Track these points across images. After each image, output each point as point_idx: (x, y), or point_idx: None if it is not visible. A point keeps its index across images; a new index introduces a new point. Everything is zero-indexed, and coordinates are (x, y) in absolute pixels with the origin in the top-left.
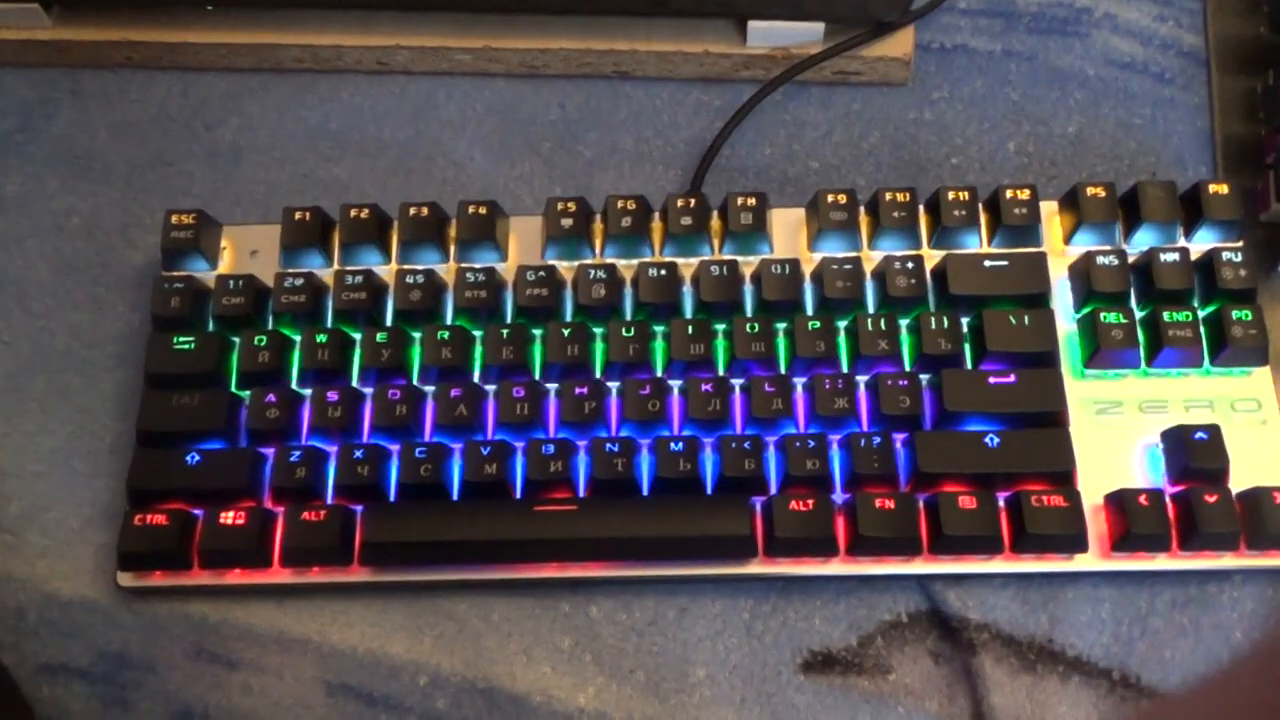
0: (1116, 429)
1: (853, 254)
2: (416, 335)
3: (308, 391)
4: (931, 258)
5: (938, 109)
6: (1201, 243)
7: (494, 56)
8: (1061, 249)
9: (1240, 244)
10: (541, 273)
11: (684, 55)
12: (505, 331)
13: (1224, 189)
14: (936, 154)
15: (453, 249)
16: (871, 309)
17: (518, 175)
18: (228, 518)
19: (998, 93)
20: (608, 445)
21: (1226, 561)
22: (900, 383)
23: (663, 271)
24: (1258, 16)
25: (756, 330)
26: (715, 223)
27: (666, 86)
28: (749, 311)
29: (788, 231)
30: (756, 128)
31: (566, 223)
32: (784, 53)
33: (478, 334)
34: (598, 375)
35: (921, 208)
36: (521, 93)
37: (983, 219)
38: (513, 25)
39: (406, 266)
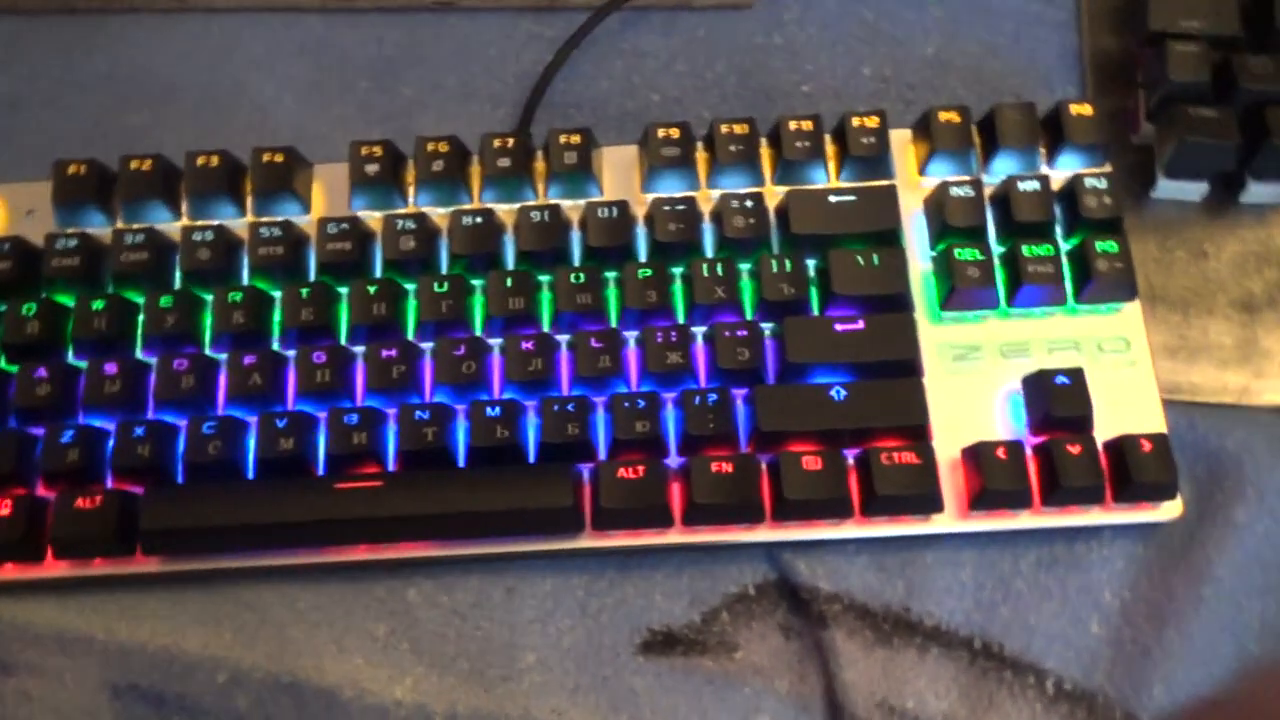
0: (976, 376)
1: (688, 193)
2: (207, 298)
3: (84, 364)
4: (774, 195)
5: (788, 32)
6: (1065, 169)
7: None
8: (916, 181)
9: (1105, 169)
10: (345, 225)
11: None
12: (305, 291)
13: (1087, 110)
14: (787, 81)
15: (249, 202)
16: (709, 253)
17: (332, 119)
18: None
19: (851, 12)
20: (417, 413)
21: (1094, 517)
22: (739, 333)
23: (478, 219)
24: None
25: (582, 281)
26: (540, 164)
27: (494, 17)
28: (576, 261)
29: (621, 171)
30: (592, 59)
31: (372, 169)
32: None
33: (275, 295)
34: (409, 336)
35: (764, 140)
36: (336, 29)
37: (829, 150)
38: None
39: (196, 223)
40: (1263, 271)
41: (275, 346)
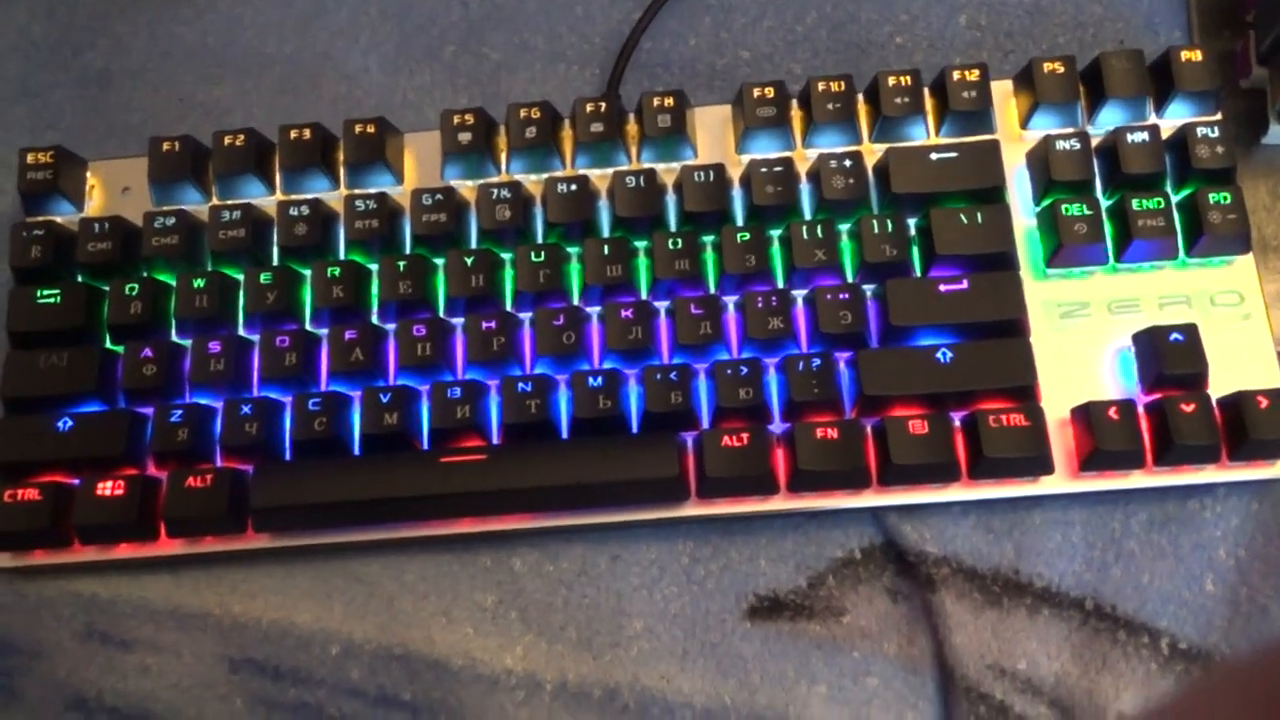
0: (1084, 333)
1: (785, 154)
2: (305, 273)
3: (188, 343)
4: (873, 153)
5: None
6: (1174, 118)
7: None
8: (1018, 134)
9: (1217, 117)
10: (439, 195)
11: None
12: (402, 263)
13: (1197, 55)
14: (879, 34)
15: (342, 174)
16: (808, 215)
17: (418, 86)
18: (105, 489)
19: None
20: (520, 385)
21: (1208, 475)
22: (841, 296)
23: (573, 186)
24: None
25: (680, 246)
26: (632, 127)
27: None
28: (672, 226)
29: (714, 132)
30: (679, 16)
31: (465, 137)
32: None
33: (372, 268)
34: (507, 307)
35: (860, 97)
36: None
37: (929, 105)
38: None
39: (291, 197)
40: None
41: (374, 320)
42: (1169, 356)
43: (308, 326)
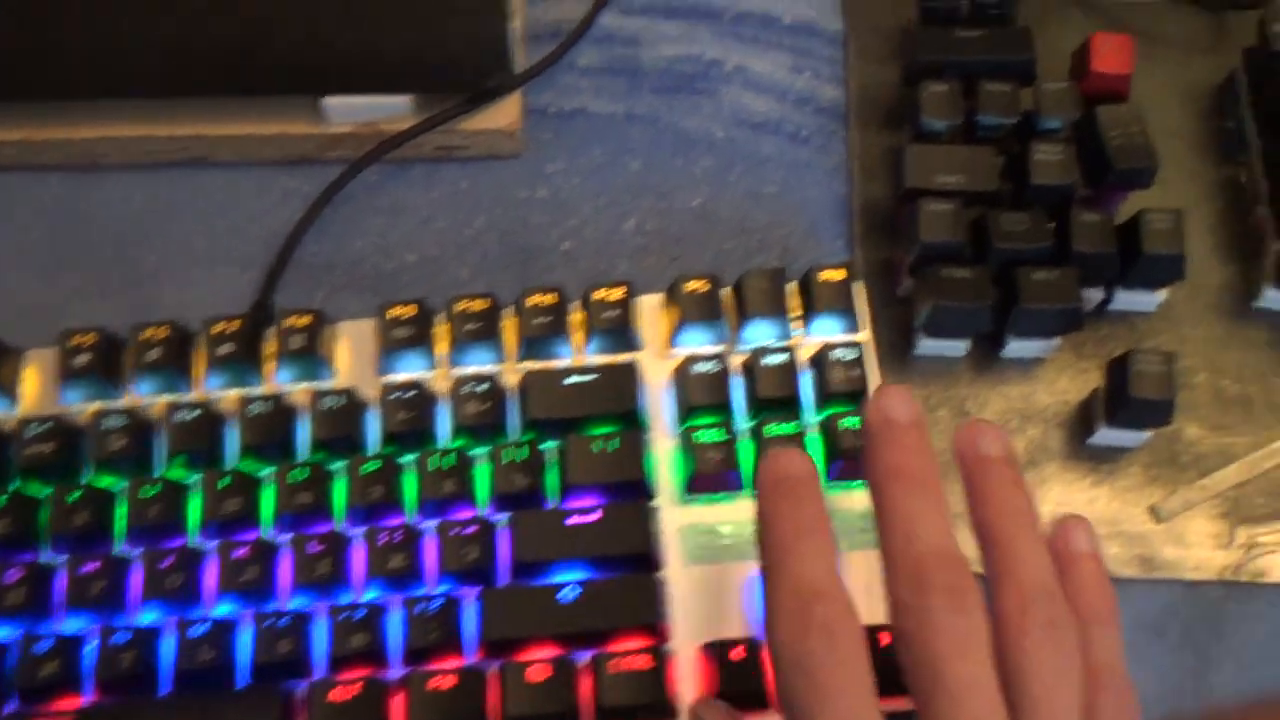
0: (721, 564)
1: (422, 375)
2: None
3: None
4: (517, 373)
5: (553, 184)
6: (821, 334)
7: (39, 150)
8: (667, 351)
9: (858, 337)
10: (49, 424)
11: (260, 138)
12: (2, 499)
13: (837, 275)
14: (548, 238)
15: None
16: (443, 441)
17: (69, 291)
18: None
19: (617, 162)
20: (118, 635)
21: None
22: (466, 531)
23: (196, 412)
24: (898, 64)
25: (305, 477)
26: (275, 344)
27: (249, 172)
28: (303, 452)
29: (363, 347)
30: (347, 216)
31: (83, 360)
32: (372, 129)
33: None
34: (115, 549)
35: (511, 311)
36: (79, 188)
37: (579, 321)
38: (60, 112)
39: None
40: (1025, 430)
41: None
42: None
43: None
